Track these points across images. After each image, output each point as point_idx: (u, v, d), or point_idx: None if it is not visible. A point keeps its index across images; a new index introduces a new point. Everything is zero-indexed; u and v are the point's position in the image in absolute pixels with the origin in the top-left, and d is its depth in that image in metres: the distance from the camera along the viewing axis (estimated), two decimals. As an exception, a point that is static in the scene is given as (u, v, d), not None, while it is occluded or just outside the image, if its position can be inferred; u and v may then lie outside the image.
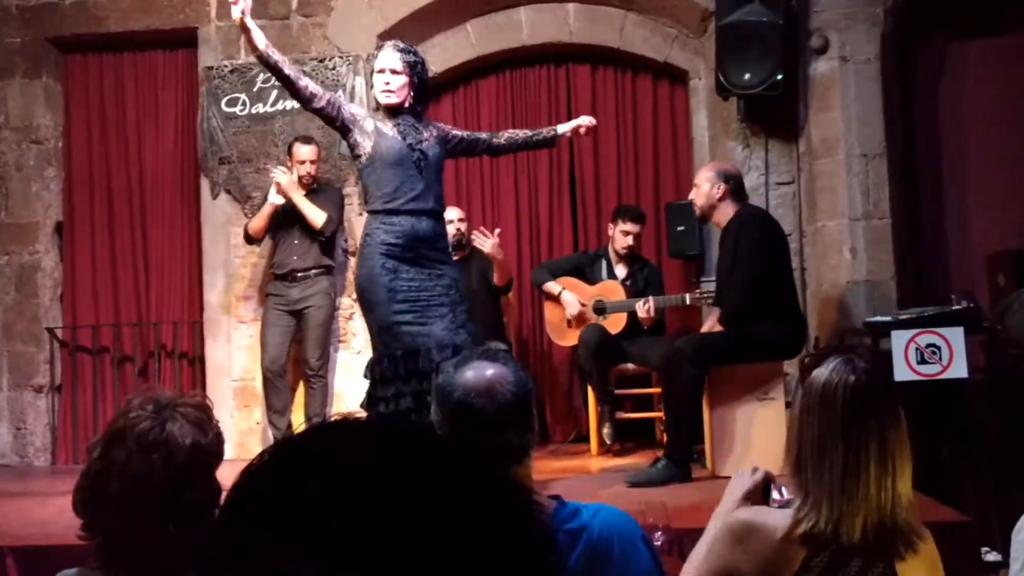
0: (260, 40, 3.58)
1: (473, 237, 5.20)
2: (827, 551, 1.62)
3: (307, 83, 3.74)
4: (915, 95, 5.71)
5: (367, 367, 3.80)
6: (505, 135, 4.16)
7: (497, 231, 5.15)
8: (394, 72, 3.72)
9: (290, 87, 3.71)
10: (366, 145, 3.72)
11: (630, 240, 5.25)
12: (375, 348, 3.77)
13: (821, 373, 1.68)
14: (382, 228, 3.67)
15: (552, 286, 5.30)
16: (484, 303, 5.26)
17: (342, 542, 0.52)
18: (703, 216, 4.50)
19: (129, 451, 1.46)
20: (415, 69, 3.75)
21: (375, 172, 3.72)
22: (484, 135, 4.15)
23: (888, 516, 1.63)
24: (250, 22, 3.57)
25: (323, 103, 3.72)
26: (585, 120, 4.23)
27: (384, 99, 3.75)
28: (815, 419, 1.66)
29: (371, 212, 3.76)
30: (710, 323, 4.56)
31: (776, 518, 1.69)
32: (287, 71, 3.66)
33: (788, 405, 1.80)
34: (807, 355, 1.82)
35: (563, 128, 4.22)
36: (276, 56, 3.65)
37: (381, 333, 3.69)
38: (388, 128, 3.75)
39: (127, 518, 1.45)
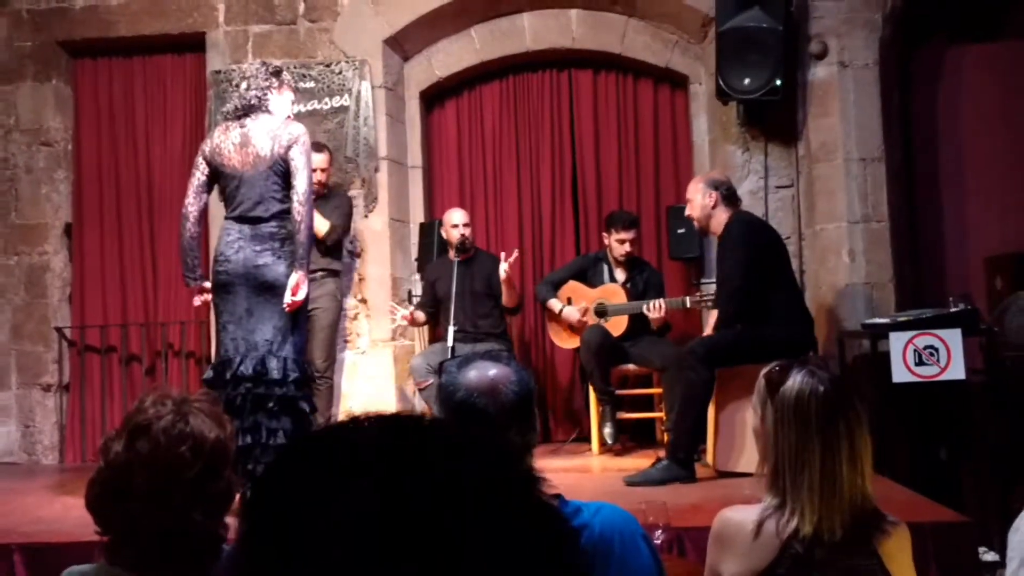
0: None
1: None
2: (800, 541, 1.73)
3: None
4: (913, 100, 5.76)
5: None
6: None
7: (516, 253, 5.23)
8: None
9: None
10: None
11: (627, 247, 5.29)
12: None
13: (791, 387, 1.79)
14: None
15: (554, 303, 5.34)
16: (485, 304, 5.33)
17: (362, 544, 0.52)
18: (702, 229, 4.52)
19: (156, 443, 1.48)
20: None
21: None
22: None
23: (859, 508, 1.75)
24: None
25: None
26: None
27: None
28: (791, 429, 1.77)
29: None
30: (711, 327, 4.58)
31: (747, 514, 1.79)
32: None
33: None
34: (769, 369, 1.93)
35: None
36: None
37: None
38: None
39: (151, 511, 1.46)
